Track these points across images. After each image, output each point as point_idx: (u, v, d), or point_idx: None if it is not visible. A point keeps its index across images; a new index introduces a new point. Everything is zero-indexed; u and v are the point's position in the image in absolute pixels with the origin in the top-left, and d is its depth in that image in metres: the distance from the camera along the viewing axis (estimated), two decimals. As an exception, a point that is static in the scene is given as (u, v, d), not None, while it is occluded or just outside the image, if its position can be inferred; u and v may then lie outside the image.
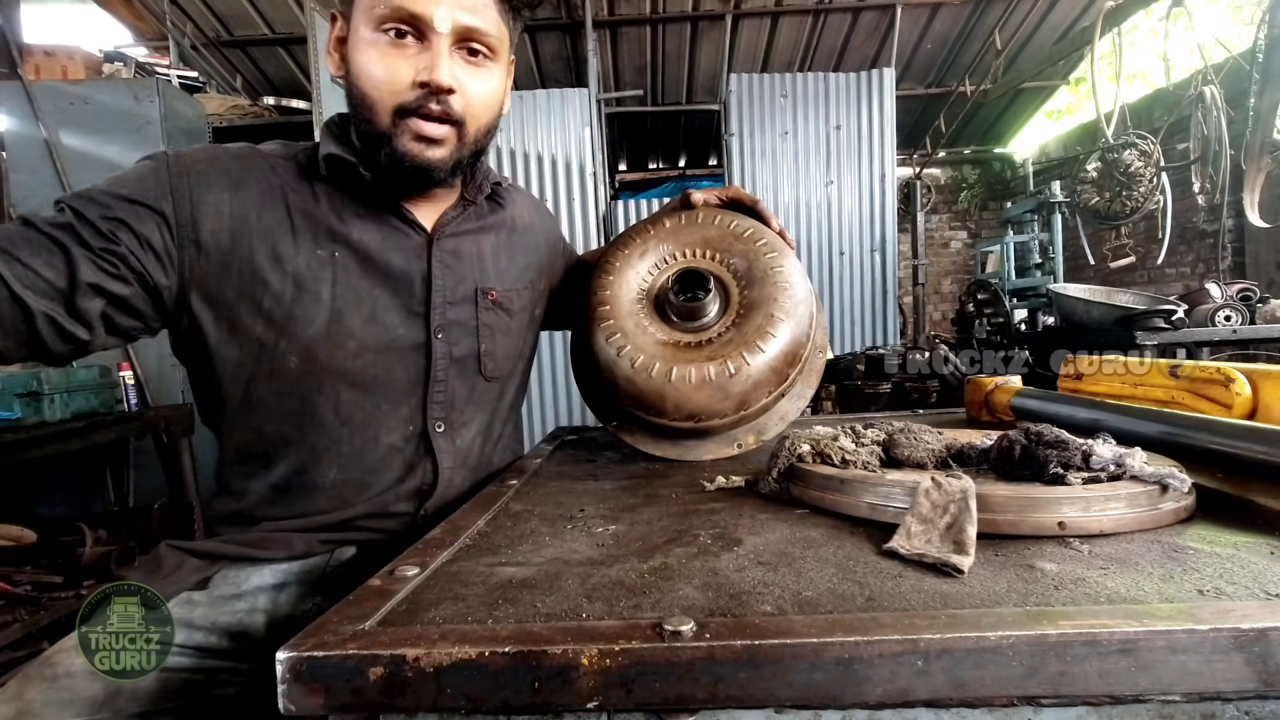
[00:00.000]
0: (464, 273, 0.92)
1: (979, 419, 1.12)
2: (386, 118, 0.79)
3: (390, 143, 0.80)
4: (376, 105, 0.79)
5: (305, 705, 0.38)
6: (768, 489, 0.72)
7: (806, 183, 4.54)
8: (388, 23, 0.76)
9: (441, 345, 0.88)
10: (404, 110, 0.79)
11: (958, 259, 7.60)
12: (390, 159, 0.81)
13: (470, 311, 0.92)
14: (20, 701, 0.68)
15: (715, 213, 1.02)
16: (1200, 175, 3.56)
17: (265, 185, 0.83)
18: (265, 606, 0.82)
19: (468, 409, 0.93)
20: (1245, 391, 0.83)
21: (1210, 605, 0.40)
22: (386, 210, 0.87)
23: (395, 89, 0.78)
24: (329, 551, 0.85)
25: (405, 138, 0.80)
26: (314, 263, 0.82)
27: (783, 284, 0.93)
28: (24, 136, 3.30)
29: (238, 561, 0.82)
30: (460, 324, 0.91)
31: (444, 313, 0.89)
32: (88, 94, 3.35)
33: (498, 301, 0.95)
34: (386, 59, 0.78)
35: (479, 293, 0.92)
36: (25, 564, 2.55)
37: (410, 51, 0.78)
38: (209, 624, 0.78)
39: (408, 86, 0.78)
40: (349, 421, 0.84)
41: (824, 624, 0.39)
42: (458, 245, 0.92)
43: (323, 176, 0.85)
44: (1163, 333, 2.92)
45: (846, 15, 5.08)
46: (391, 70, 0.78)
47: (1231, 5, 5.85)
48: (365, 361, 0.84)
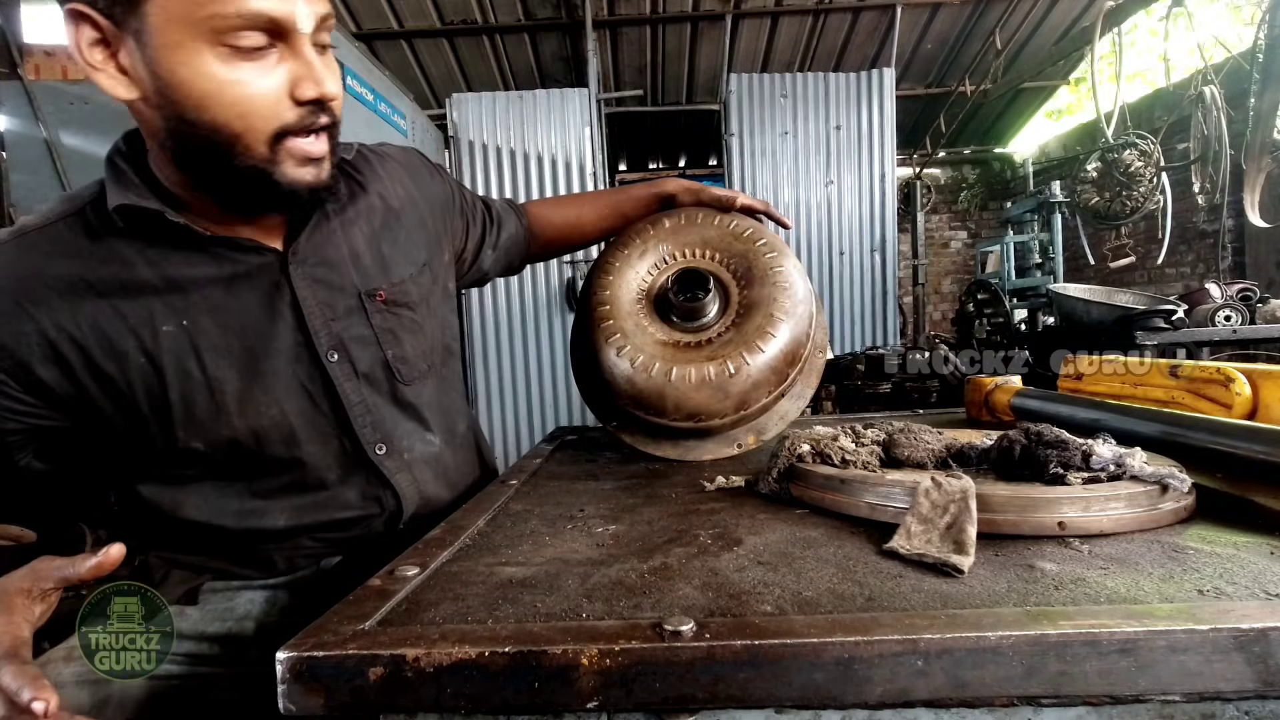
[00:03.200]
0: (339, 280, 0.78)
1: (979, 419, 1.12)
2: (262, 147, 0.65)
3: (269, 175, 0.66)
4: (245, 135, 0.64)
5: (305, 705, 0.38)
6: (768, 489, 0.72)
7: (806, 183, 4.54)
8: (236, 32, 0.60)
9: (340, 367, 0.77)
10: (284, 133, 0.65)
11: (958, 259, 7.60)
12: (274, 193, 0.67)
13: (361, 320, 0.79)
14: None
15: (715, 213, 1.02)
16: (1200, 175, 3.56)
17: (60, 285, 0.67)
18: (256, 615, 0.81)
19: (403, 420, 0.83)
20: (1245, 391, 0.83)
21: (1210, 605, 0.40)
22: (216, 245, 0.71)
23: (271, 112, 0.64)
24: (317, 564, 0.83)
25: (288, 165, 0.67)
26: (165, 341, 0.70)
27: (782, 284, 0.93)
28: (24, 136, 3.30)
29: (222, 576, 0.81)
30: (354, 338, 0.79)
31: (330, 331, 0.77)
32: (88, 94, 3.34)
33: (391, 299, 0.82)
34: (245, 79, 0.62)
35: (363, 297, 0.80)
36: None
37: (272, 62, 0.63)
38: (196, 634, 0.78)
39: (288, 106, 0.65)
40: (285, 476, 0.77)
41: (824, 624, 0.39)
42: (321, 253, 0.77)
43: (120, 230, 0.69)
44: (1163, 333, 2.92)
45: (846, 15, 5.08)
46: (259, 90, 0.63)
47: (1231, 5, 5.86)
48: (271, 417, 0.74)
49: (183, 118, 0.63)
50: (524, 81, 5.45)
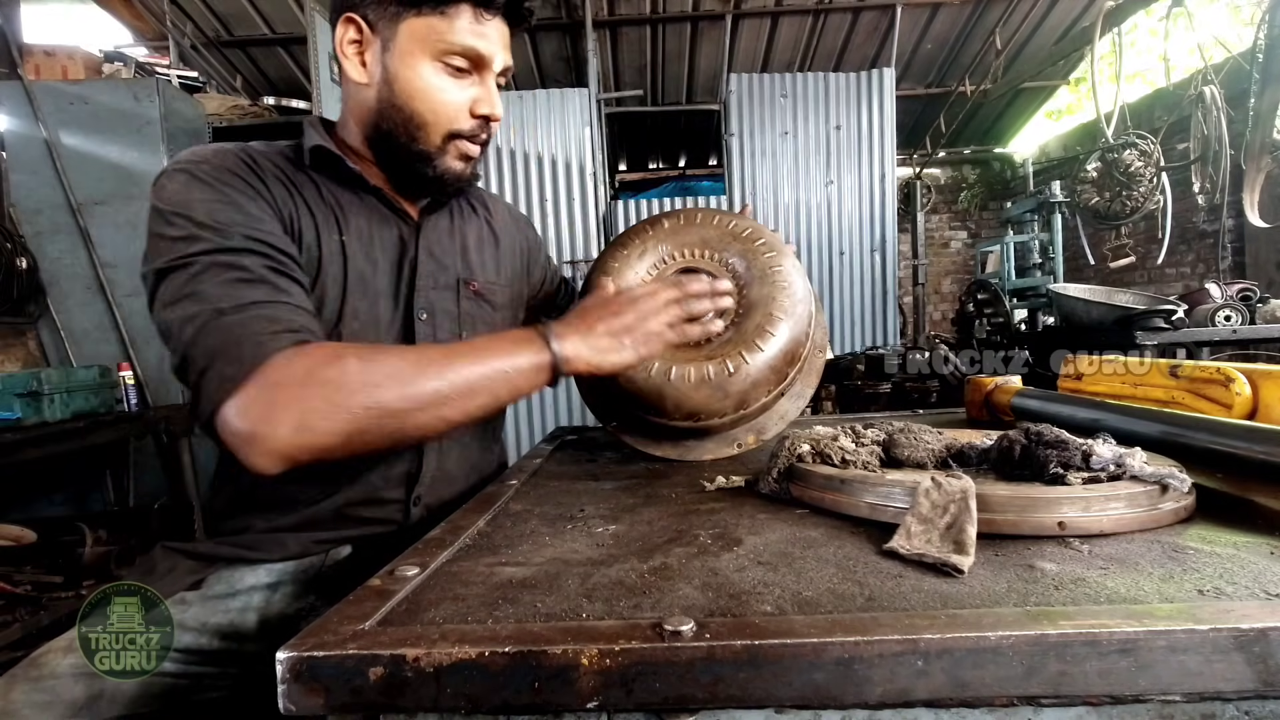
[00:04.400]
0: (447, 261, 0.95)
1: (979, 419, 1.12)
2: (438, 139, 0.86)
3: (432, 160, 0.87)
4: (430, 127, 0.85)
5: (305, 705, 0.38)
6: (768, 489, 0.72)
7: (806, 183, 4.53)
8: (451, 56, 0.82)
9: (425, 328, 0.90)
10: (455, 135, 0.86)
11: (958, 259, 7.59)
12: (431, 173, 0.88)
13: (452, 299, 0.94)
14: (4, 701, 0.68)
15: (714, 213, 1.02)
16: (1200, 175, 3.56)
17: (274, 177, 0.84)
18: (258, 605, 0.82)
19: None
20: (1245, 391, 0.83)
21: (1210, 605, 0.40)
22: (376, 196, 0.90)
23: (455, 116, 0.85)
24: (324, 552, 0.85)
25: (449, 157, 0.87)
26: (331, 247, 0.85)
27: (781, 283, 0.93)
28: (24, 136, 3.29)
29: (232, 563, 0.83)
30: (444, 310, 0.93)
31: (428, 297, 0.91)
32: (88, 94, 3.34)
33: (479, 292, 0.97)
34: (446, 89, 0.84)
35: (460, 282, 0.95)
36: (25, 564, 2.55)
37: (467, 83, 0.85)
38: (199, 624, 0.78)
39: (465, 115, 0.86)
40: None
41: (824, 624, 0.39)
42: (440, 235, 0.95)
43: (306, 168, 0.87)
44: (1163, 333, 2.92)
45: (846, 15, 5.08)
46: (452, 99, 0.84)
47: (1231, 5, 5.85)
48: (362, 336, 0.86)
49: (392, 102, 0.84)
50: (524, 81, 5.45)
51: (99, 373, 2.87)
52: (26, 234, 3.25)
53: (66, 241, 3.30)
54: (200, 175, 0.77)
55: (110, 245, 3.33)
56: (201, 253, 0.72)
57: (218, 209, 0.75)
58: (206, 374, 0.67)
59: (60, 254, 3.30)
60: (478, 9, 0.82)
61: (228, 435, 0.66)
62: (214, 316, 0.68)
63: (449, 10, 0.81)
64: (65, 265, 3.30)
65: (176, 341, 0.70)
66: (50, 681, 0.69)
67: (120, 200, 3.34)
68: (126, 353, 3.30)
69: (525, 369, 0.72)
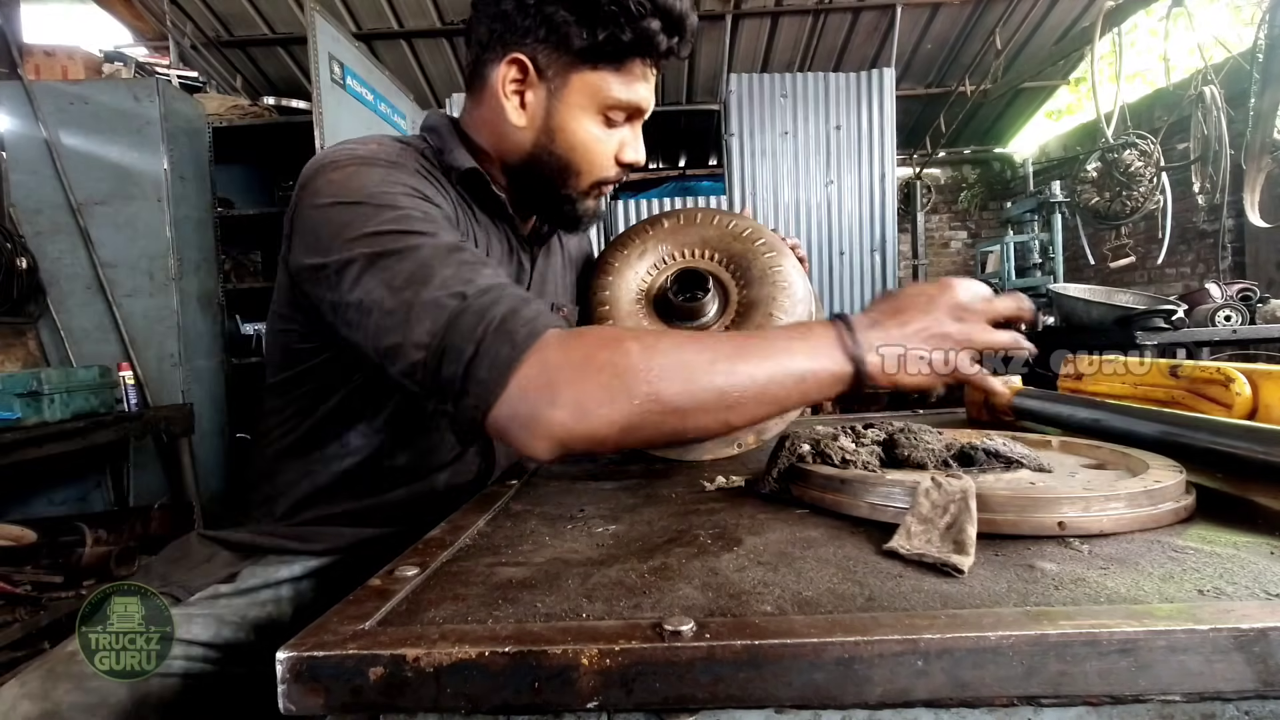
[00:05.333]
0: (546, 289, 0.99)
1: (979, 419, 1.12)
2: (586, 186, 0.87)
3: (577, 203, 0.88)
4: (583, 175, 0.86)
5: (305, 705, 0.38)
6: (768, 489, 0.72)
7: (806, 183, 4.54)
8: (617, 111, 0.82)
9: None
10: (602, 180, 0.88)
11: (958, 259, 7.60)
12: (570, 212, 0.88)
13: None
14: (48, 701, 0.66)
15: (714, 213, 1.02)
16: (1200, 175, 3.56)
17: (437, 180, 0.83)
18: (289, 597, 0.81)
19: None
20: (1245, 391, 0.83)
21: (1210, 605, 0.40)
22: (505, 222, 0.91)
23: (605, 165, 0.86)
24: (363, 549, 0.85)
25: (590, 199, 0.89)
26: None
27: (781, 283, 0.93)
28: (24, 136, 3.29)
29: (270, 553, 0.82)
30: None
31: None
32: (88, 94, 3.34)
33: (566, 318, 1.00)
34: (604, 140, 0.84)
35: (554, 308, 0.98)
36: (25, 564, 2.55)
37: (618, 130, 0.85)
38: (239, 618, 0.77)
39: (612, 162, 0.86)
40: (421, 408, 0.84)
41: (824, 624, 0.39)
42: (544, 263, 0.99)
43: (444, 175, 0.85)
44: (1163, 333, 2.92)
45: (846, 15, 5.08)
46: (607, 149, 0.85)
47: (1231, 5, 5.85)
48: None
49: (551, 151, 0.84)
50: (524, 81, 5.44)
51: (99, 373, 2.87)
52: (26, 234, 3.25)
53: (66, 241, 3.30)
54: (392, 170, 0.74)
55: (110, 245, 3.33)
56: (422, 241, 0.67)
57: (422, 202, 0.72)
58: (477, 360, 0.61)
59: (60, 254, 3.30)
60: (650, 61, 0.80)
61: (504, 421, 0.61)
62: (463, 301, 0.63)
63: (625, 65, 0.79)
64: (65, 265, 3.30)
65: (416, 332, 0.63)
66: (95, 682, 0.67)
67: (120, 200, 3.34)
68: (126, 353, 3.30)
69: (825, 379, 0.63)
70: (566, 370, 0.60)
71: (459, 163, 0.84)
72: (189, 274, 3.49)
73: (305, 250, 0.71)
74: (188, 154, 3.56)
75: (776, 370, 0.62)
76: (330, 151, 0.76)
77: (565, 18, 0.76)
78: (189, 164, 3.56)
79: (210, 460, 3.51)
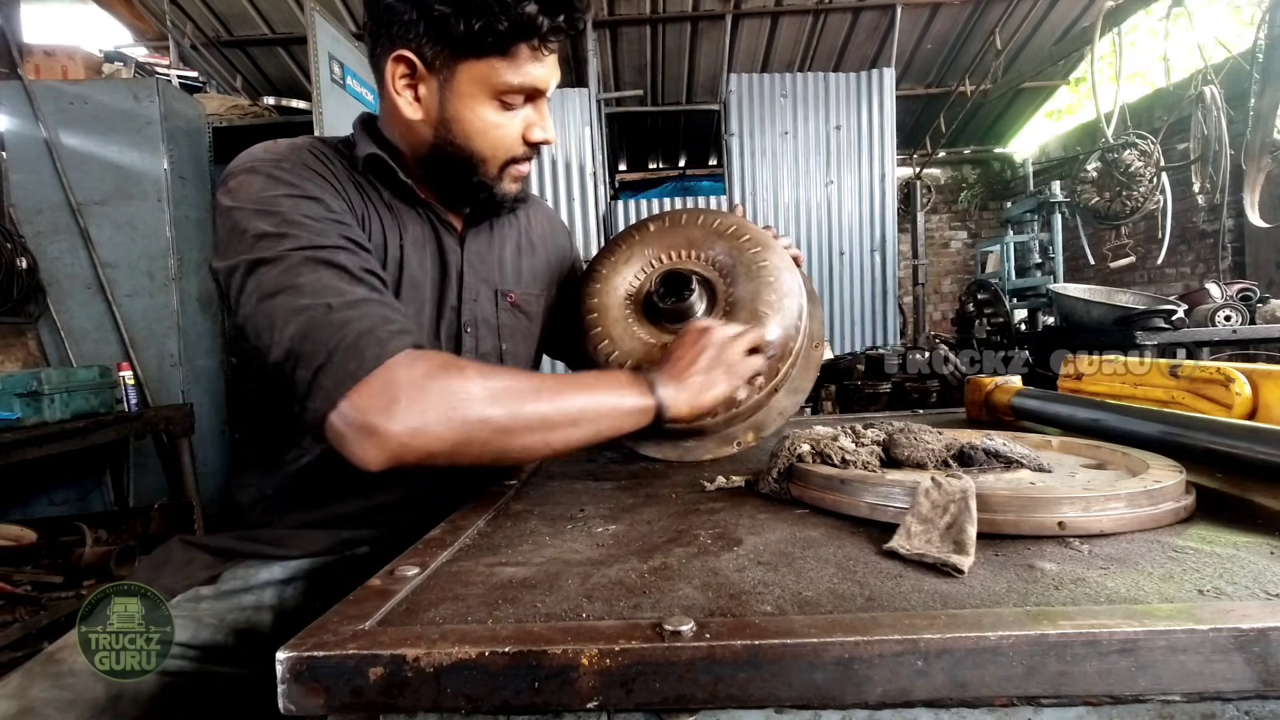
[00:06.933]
0: (487, 273, 0.96)
1: (979, 419, 1.12)
2: (495, 170, 0.87)
3: (492, 188, 0.88)
4: (490, 160, 0.86)
5: (305, 705, 0.38)
6: (768, 489, 0.72)
7: (806, 183, 4.54)
8: (511, 95, 0.82)
9: (469, 340, 0.93)
10: (511, 161, 0.87)
11: (958, 259, 7.60)
12: (487, 197, 0.89)
13: (492, 310, 0.96)
14: (24, 700, 0.67)
15: (700, 213, 1.03)
16: (1200, 175, 3.56)
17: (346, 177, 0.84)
18: (271, 602, 0.82)
19: None
20: (1245, 391, 0.83)
21: (1210, 605, 0.40)
22: (425, 209, 0.91)
23: (511, 147, 0.86)
24: (342, 551, 0.86)
25: (506, 182, 0.88)
26: (393, 251, 0.86)
27: (767, 278, 0.93)
28: (24, 136, 3.29)
29: (248, 559, 0.83)
30: (485, 321, 0.95)
31: (472, 310, 0.93)
32: (88, 94, 3.34)
33: (516, 304, 0.99)
34: (504, 124, 0.84)
35: (498, 294, 0.97)
36: (25, 564, 2.55)
37: (519, 111, 0.85)
38: (217, 620, 0.78)
39: (519, 143, 0.86)
40: None
41: (824, 624, 0.39)
42: (481, 246, 0.96)
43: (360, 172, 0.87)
44: (1163, 333, 2.92)
45: (846, 15, 5.08)
46: (509, 133, 0.85)
47: (1231, 5, 5.85)
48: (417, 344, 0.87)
49: (451, 141, 0.84)
50: (524, 81, 5.44)
51: (99, 373, 2.87)
52: (26, 234, 3.25)
53: (66, 241, 3.30)
54: (281, 174, 0.76)
55: (110, 245, 3.33)
56: (296, 248, 0.71)
57: (304, 205, 0.75)
58: (325, 368, 0.66)
59: (60, 254, 3.30)
60: (538, 44, 0.80)
61: (342, 427, 0.65)
62: (326, 311, 0.68)
63: (510, 50, 0.79)
64: (65, 265, 3.30)
65: (278, 335, 0.68)
66: (70, 679, 0.69)
67: (120, 200, 3.34)
68: (126, 353, 3.30)
69: (630, 410, 0.74)
70: (408, 388, 0.65)
71: (361, 151, 0.86)
72: (189, 274, 3.49)
73: (214, 255, 0.76)
74: (188, 154, 3.56)
75: (591, 400, 0.73)
76: (240, 156, 0.80)
77: (442, 10, 0.76)
78: (189, 164, 3.56)
79: (210, 460, 3.51)
